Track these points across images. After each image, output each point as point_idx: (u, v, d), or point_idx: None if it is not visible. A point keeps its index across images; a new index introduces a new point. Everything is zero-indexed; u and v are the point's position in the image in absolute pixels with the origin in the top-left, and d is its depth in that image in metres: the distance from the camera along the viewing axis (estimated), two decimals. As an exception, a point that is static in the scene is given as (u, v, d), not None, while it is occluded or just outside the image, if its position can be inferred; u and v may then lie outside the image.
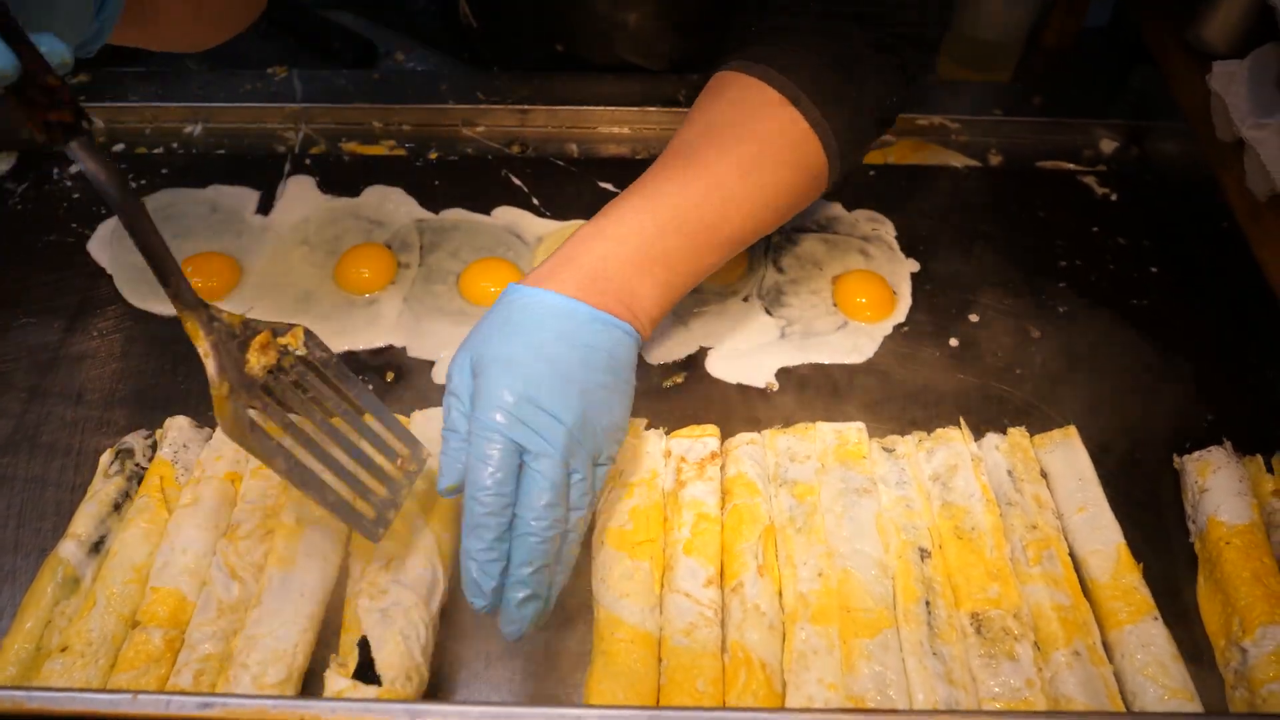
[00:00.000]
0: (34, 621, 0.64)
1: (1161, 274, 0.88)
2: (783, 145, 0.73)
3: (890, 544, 0.68)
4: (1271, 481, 0.71)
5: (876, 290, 0.85)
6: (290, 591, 0.65)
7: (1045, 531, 0.69)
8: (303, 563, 0.66)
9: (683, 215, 0.69)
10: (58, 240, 0.89)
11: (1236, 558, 0.67)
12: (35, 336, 0.82)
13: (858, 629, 0.64)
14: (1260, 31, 0.76)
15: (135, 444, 0.73)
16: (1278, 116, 0.70)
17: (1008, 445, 0.74)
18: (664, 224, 0.69)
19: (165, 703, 0.51)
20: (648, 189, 0.70)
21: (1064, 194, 0.95)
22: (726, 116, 0.74)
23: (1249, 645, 0.63)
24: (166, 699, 0.51)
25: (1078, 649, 0.63)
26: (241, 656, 0.62)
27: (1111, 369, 0.81)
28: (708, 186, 0.71)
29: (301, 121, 0.99)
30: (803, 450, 0.73)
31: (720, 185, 0.71)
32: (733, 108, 0.74)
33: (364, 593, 0.64)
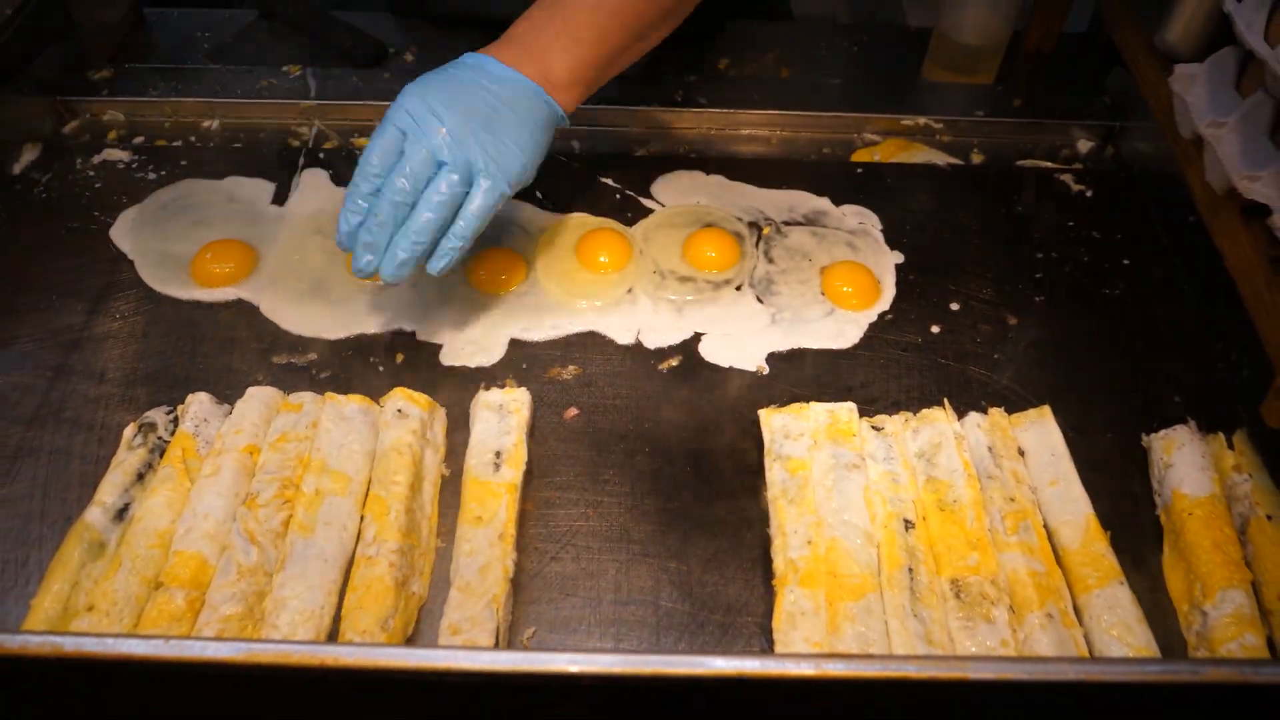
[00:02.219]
0: (61, 583, 0.67)
1: (1132, 265, 0.92)
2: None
3: (876, 515, 0.72)
4: (1231, 458, 0.74)
5: (862, 280, 0.89)
6: (312, 557, 0.68)
7: (1022, 504, 0.72)
8: (322, 530, 0.70)
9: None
10: (81, 227, 0.92)
11: (1199, 528, 0.70)
12: (60, 318, 0.85)
13: (844, 593, 0.68)
14: (1219, 37, 0.80)
15: (157, 418, 0.77)
16: (1233, 115, 0.74)
17: (988, 424, 0.77)
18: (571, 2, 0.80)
19: (202, 647, 0.54)
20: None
21: (1042, 190, 0.99)
22: None
23: (1209, 608, 0.66)
24: (202, 644, 0.54)
25: (1050, 612, 0.67)
26: (271, 619, 0.66)
27: (1084, 354, 0.85)
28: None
29: (315, 117, 1.03)
30: (796, 428, 0.77)
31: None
32: None
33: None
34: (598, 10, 0.79)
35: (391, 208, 0.74)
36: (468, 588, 0.67)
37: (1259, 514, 0.70)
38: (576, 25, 0.79)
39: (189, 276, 0.88)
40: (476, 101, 0.75)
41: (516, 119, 0.76)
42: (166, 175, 0.97)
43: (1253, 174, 0.71)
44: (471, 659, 0.55)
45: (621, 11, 0.80)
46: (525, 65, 0.78)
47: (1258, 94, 0.73)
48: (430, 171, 0.74)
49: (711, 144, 1.03)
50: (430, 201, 0.74)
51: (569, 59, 0.79)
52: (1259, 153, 0.72)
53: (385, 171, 0.74)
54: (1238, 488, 0.72)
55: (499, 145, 0.75)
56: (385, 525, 0.70)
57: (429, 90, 0.75)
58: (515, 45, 0.79)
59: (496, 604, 0.66)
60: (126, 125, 1.03)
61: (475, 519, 0.71)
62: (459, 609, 0.66)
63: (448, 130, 0.74)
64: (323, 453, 0.74)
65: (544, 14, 0.80)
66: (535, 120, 0.77)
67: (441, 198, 0.74)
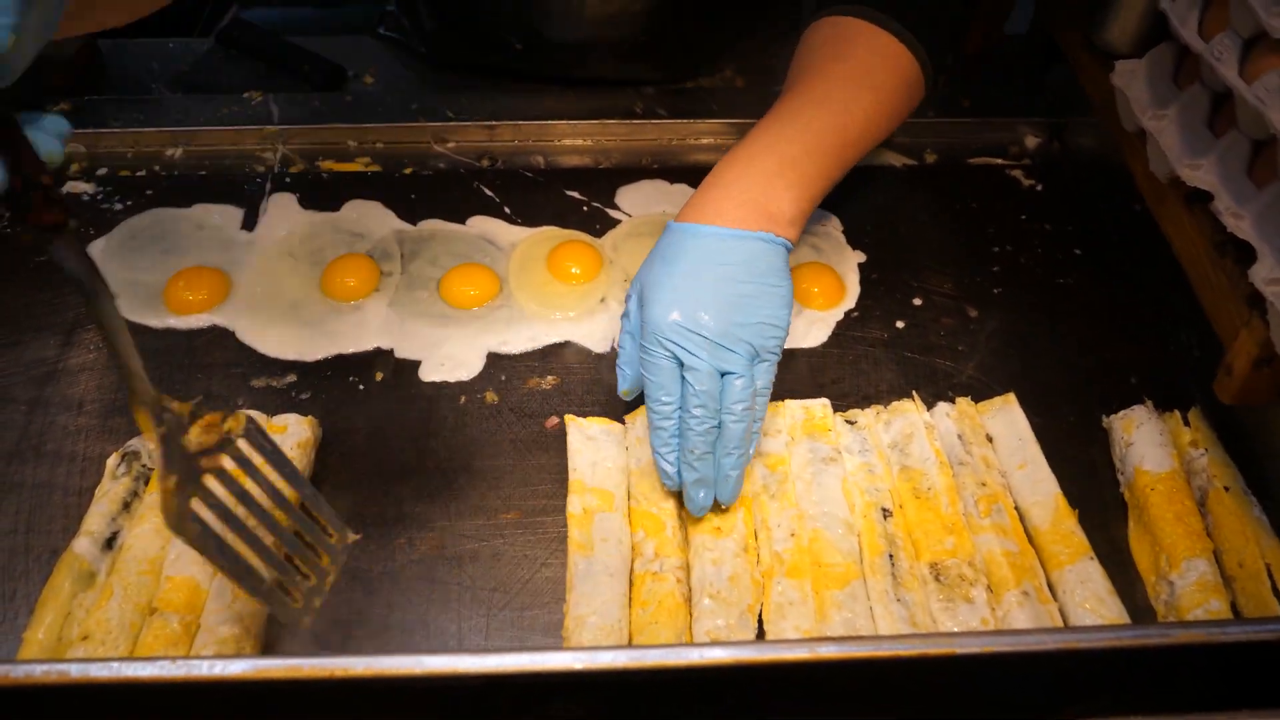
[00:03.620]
0: (53, 615, 0.67)
1: (1084, 255, 0.95)
2: (880, 58, 0.84)
3: (855, 505, 0.74)
4: (1188, 434, 0.77)
5: (827, 280, 0.91)
6: (598, 574, 0.70)
7: (993, 488, 0.75)
8: (600, 547, 0.72)
9: (803, 124, 0.80)
10: (48, 260, 0.90)
11: (1161, 502, 0.73)
12: (33, 352, 0.85)
13: (828, 581, 0.70)
14: (1155, 33, 0.84)
15: (140, 447, 0.77)
16: (1172, 107, 0.78)
17: (956, 413, 0.80)
18: (788, 136, 0.79)
19: (210, 665, 0.55)
20: (769, 118, 0.81)
21: (994, 186, 1.02)
22: (829, 52, 0.85)
23: (1175, 578, 0.69)
24: (210, 662, 0.55)
25: (1026, 589, 0.69)
26: (575, 638, 0.67)
27: (1043, 341, 0.87)
28: (820, 97, 0.81)
29: (279, 142, 1.03)
30: (773, 425, 0.79)
31: (830, 95, 0.81)
32: (829, 42, 0.85)
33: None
34: (819, 153, 0.79)
35: (701, 438, 0.70)
36: (719, 596, 0.69)
37: (1217, 486, 0.73)
38: (799, 165, 0.78)
39: (162, 305, 0.88)
40: (724, 289, 0.72)
41: (766, 283, 0.73)
42: (133, 205, 0.97)
43: (1194, 162, 0.74)
44: (465, 663, 0.56)
45: (841, 137, 0.80)
46: (750, 218, 0.75)
47: (1195, 86, 0.76)
48: (718, 384, 0.71)
49: (673, 154, 1.05)
50: (734, 413, 0.71)
51: (795, 196, 0.77)
52: (1198, 142, 0.75)
53: (678, 402, 0.71)
54: (1195, 462, 0.75)
55: (765, 321, 0.72)
56: (664, 541, 0.72)
57: (678, 305, 0.71)
58: (730, 199, 0.75)
59: (752, 613, 0.69)
60: (88, 157, 1.02)
61: (715, 529, 0.73)
62: (715, 616, 0.68)
63: (715, 342, 0.70)
64: (579, 472, 0.75)
65: (755, 157, 0.78)
66: (778, 270, 0.74)
67: (743, 404, 0.71)
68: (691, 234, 0.74)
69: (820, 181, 0.79)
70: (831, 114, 0.80)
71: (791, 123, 0.80)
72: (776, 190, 0.76)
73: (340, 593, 0.71)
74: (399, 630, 0.69)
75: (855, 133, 0.81)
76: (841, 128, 0.81)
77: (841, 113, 0.81)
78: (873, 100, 0.83)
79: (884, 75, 0.84)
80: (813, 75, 0.83)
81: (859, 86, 0.82)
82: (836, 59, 0.84)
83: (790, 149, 0.78)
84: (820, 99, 0.81)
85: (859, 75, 0.83)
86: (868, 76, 0.83)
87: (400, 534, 0.74)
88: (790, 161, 0.77)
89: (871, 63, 0.84)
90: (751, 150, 0.78)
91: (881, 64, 0.84)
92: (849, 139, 0.81)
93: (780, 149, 0.78)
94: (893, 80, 0.84)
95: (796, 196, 0.77)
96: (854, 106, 0.81)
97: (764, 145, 0.78)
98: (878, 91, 0.83)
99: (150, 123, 1.03)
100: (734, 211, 0.75)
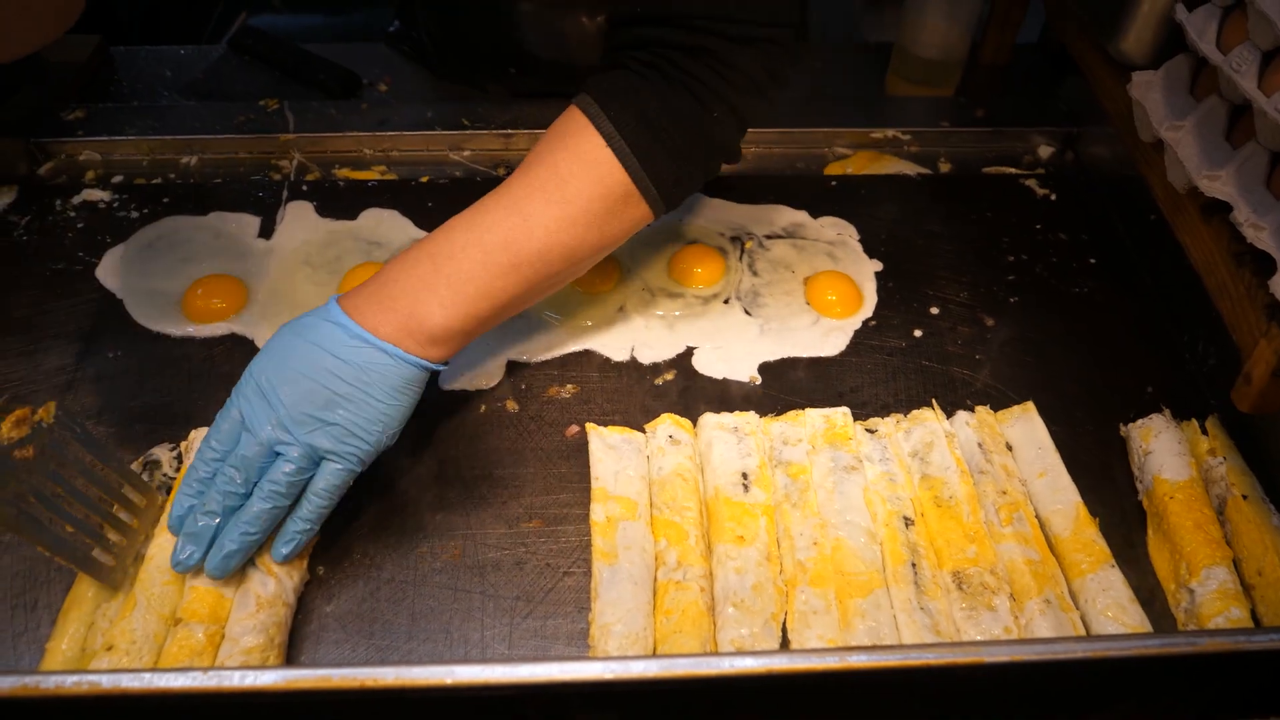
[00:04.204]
0: (77, 625, 0.67)
1: (1099, 264, 0.96)
2: (583, 166, 0.74)
3: (877, 514, 0.74)
4: (1206, 442, 0.78)
5: (845, 289, 0.91)
6: (622, 581, 0.70)
7: (1014, 496, 0.75)
8: (624, 555, 0.72)
9: (476, 236, 0.73)
10: (66, 268, 0.92)
11: (1180, 510, 0.73)
12: (52, 360, 0.85)
13: (852, 590, 0.70)
14: (1171, 45, 0.84)
15: (161, 455, 0.77)
16: (1190, 118, 0.78)
17: (976, 421, 0.80)
18: (456, 246, 0.72)
19: (241, 676, 0.55)
20: (458, 218, 0.74)
21: (1008, 196, 1.02)
22: (542, 145, 0.76)
23: (1195, 586, 0.70)
24: (242, 673, 0.55)
25: (1048, 598, 0.70)
26: (601, 647, 0.67)
27: (1059, 350, 0.88)
28: (508, 204, 0.73)
29: (295, 150, 1.03)
30: (794, 434, 0.79)
31: (517, 204, 0.73)
32: (551, 135, 0.77)
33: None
34: (484, 266, 0.72)
35: (221, 497, 0.68)
36: (743, 605, 0.69)
37: (1235, 494, 0.73)
38: (459, 277, 0.72)
39: (180, 313, 0.88)
40: (321, 378, 0.68)
41: (368, 394, 0.69)
42: (149, 213, 0.97)
43: (1212, 173, 0.75)
44: (495, 673, 0.56)
45: (514, 255, 0.73)
46: (386, 324, 0.70)
47: (1212, 98, 0.77)
48: (266, 459, 0.68)
49: (687, 162, 1.06)
50: (264, 491, 0.68)
51: (446, 314, 0.71)
52: (1217, 153, 0.76)
53: (224, 455, 0.69)
54: (1213, 470, 0.76)
55: (347, 426, 0.69)
56: (686, 550, 0.72)
57: (269, 369, 0.69)
58: (380, 300, 0.71)
59: (776, 622, 0.69)
60: (103, 165, 1.02)
61: (738, 538, 0.72)
62: (739, 625, 0.68)
63: (281, 418, 0.68)
64: (601, 480, 0.76)
65: (419, 260, 0.72)
66: (392, 386, 0.70)
67: (276, 487, 0.68)
68: (331, 317, 0.70)
69: (483, 301, 0.72)
70: (510, 227, 0.73)
71: (467, 230, 0.73)
72: (428, 304, 0.71)
73: (364, 600, 0.71)
74: (423, 639, 0.69)
75: (533, 251, 0.73)
76: (514, 243, 0.72)
77: (519, 226, 0.73)
78: (560, 214, 0.73)
79: (581, 185, 0.74)
80: (519, 170, 0.76)
81: (548, 197, 0.73)
82: (540, 159, 0.75)
83: (449, 264, 0.72)
84: (506, 204, 0.74)
85: (554, 183, 0.74)
86: (562, 186, 0.74)
87: (422, 543, 0.74)
88: (447, 277, 0.71)
89: (570, 170, 0.74)
90: (422, 250, 0.73)
91: (581, 172, 0.74)
92: (523, 259, 0.73)
93: (440, 261, 0.72)
94: (591, 192, 0.74)
95: (449, 315, 0.71)
96: (535, 220, 0.73)
97: (433, 250, 0.72)
98: (567, 206, 0.73)
99: (165, 130, 1.03)
100: (375, 315, 0.70)
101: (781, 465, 0.77)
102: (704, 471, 0.77)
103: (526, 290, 0.75)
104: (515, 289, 0.74)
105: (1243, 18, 0.74)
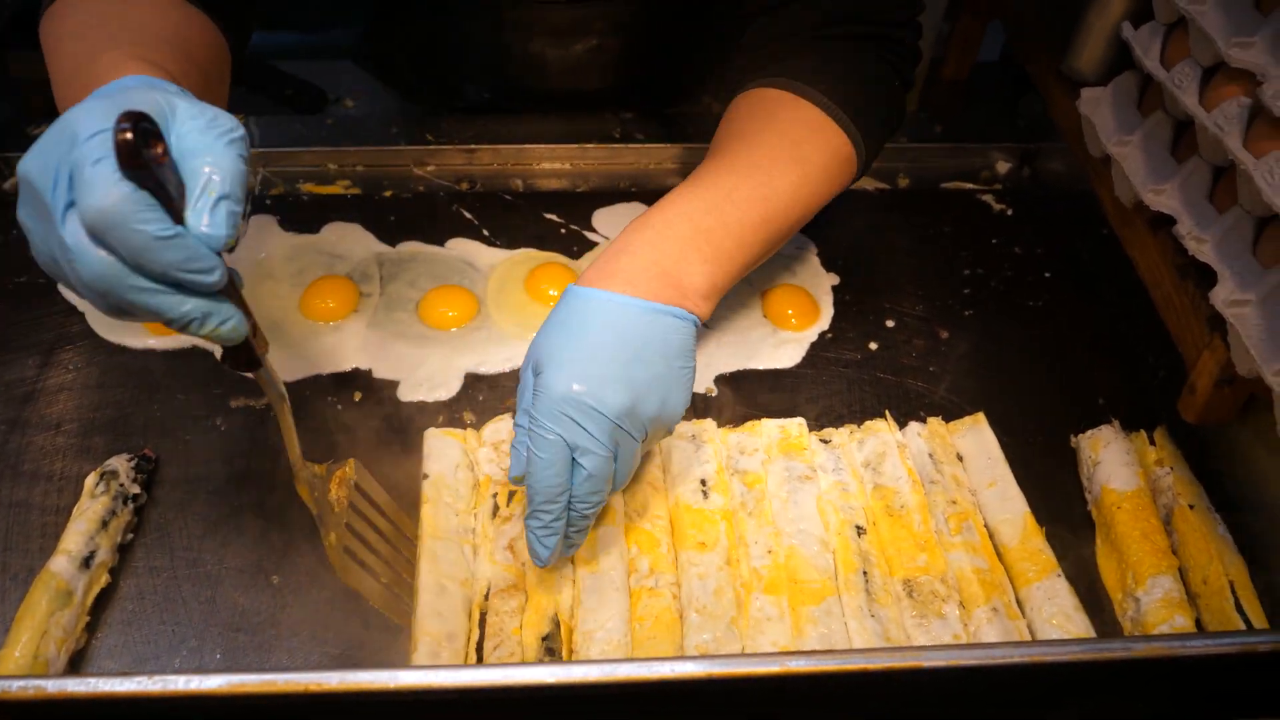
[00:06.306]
0: (30, 633, 0.67)
1: (1053, 278, 0.97)
2: (809, 131, 0.79)
3: (830, 523, 0.75)
4: (1154, 453, 0.79)
5: (802, 302, 0.92)
6: (605, 588, 0.71)
7: (963, 505, 0.76)
8: (604, 560, 0.73)
9: (724, 194, 0.74)
10: (29, 281, 0.92)
11: (1127, 520, 0.74)
12: (12, 372, 0.85)
13: (804, 598, 0.71)
14: (1120, 61, 0.86)
15: (119, 466, 0.77)
16: (1136, 133, 0.80)
17: (928, 432, 0.81)
18: (707, 205, 0.73)
19: (186, 681, 0.55)
20: (690, 182, 0.76)
21: (966, 211, 1.04)
22: (755, 122, 0.80)
23: (1141, 594, 0.70)
24: (187, 678, 0.55)
25: (996, 606, 0.70)
26: (582, 653, 0.68)
27: (1012, 362, 0.89)
28: (746, 168, 0.76)
29: (260, 164, 1.04)
30: (750, 444, 0.80)
31: (757, 166, 0.76)
32: (759, 113, 0.81)
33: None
34: (740, 224, 0.73)
35: (589, 519, 0.67)
36: (705, 610, 0.69)
37: (1181, 504, 0.75)
38: (718, 234, 0.72)
39: (141, 326, 0.89)
40: (634, 369, 0.66)
41: (672, 368, 0.68)
42: (114, 226, 0.97)
43: (1157, 187, 0.76)
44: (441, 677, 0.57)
45: (764, 211, 0.75)
46: (666, 290, 0.69)
47: (1157, 113, 0.79)
48: (612, 466, 0.66)
49: (650, 178, 1.07)
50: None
51: (711, 270, 0.71)
52: (1162, 167, 0.77)
53: (567, 485, 0.65)
54: (1161, 480, 0.77)
55: (664, 408, 0.68)
56: (658, 557, 0.72)
57: (583, 372, 0.65)
58: (643, 269, 0.69)
59: (737, 625, 0.69)
60: (69, 179, 1.03)
61: (699, 544, 0.73)
62: (701, 631, 0.69)
63: (615, 422, 0.65)
64: None
65: (671, 223, 0.72)
66: (686, 351, 0.69)
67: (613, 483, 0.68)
68: (600, 302, 0.67)
69: (738, 257, 0.74)
70: (755, 185, 0.75)
71: (712, 190, 0.74)
72: (691, 262, 0.70)
73: (323, 605, 0.71)
74: (378, 647, 0.70)
75: (779, 207, 0.76)
76: (764, 199, 0.75)
77: (765, 184, 0.75)
78: (800, 174, 0.77)
79: (811, 149, 0.78)
80: (738, 143, 0.78)
81: (787, 159, 0.77)
82: (763, 130, 0.79)
83: (707, 219, 0.72)
84: (744, 168, 0.76)
85: (787, 147, 0.77)
86: (795, 148, 0.78)
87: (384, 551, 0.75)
88: (706, 232, 0.72)
89: (799, 135, 0.78)
90: (667, 215, 0.72)
91: (809, 137, 0.79)
92: (772, 214, 0.75)
93: (697, 218, 0.72)
94: (821, 155, 0.79)
95: (711, 271, 0.71)
96: (779, 180, 0.76)
97: (680, 212, 0.73)
98: (805, 165, 0.77)
99: (132, 145, 1.04)
100: (646, 282, 0.68)
101: (738, 474, 0.78)
102: (665, 480, 0.78)
103: (771, 246, 0.78)
104: (764, 244, 0.76)
105: (1185, 35, 0.75)
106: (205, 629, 0.70)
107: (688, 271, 0.70)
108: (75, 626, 0.69)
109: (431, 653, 0.66)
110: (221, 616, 0.71)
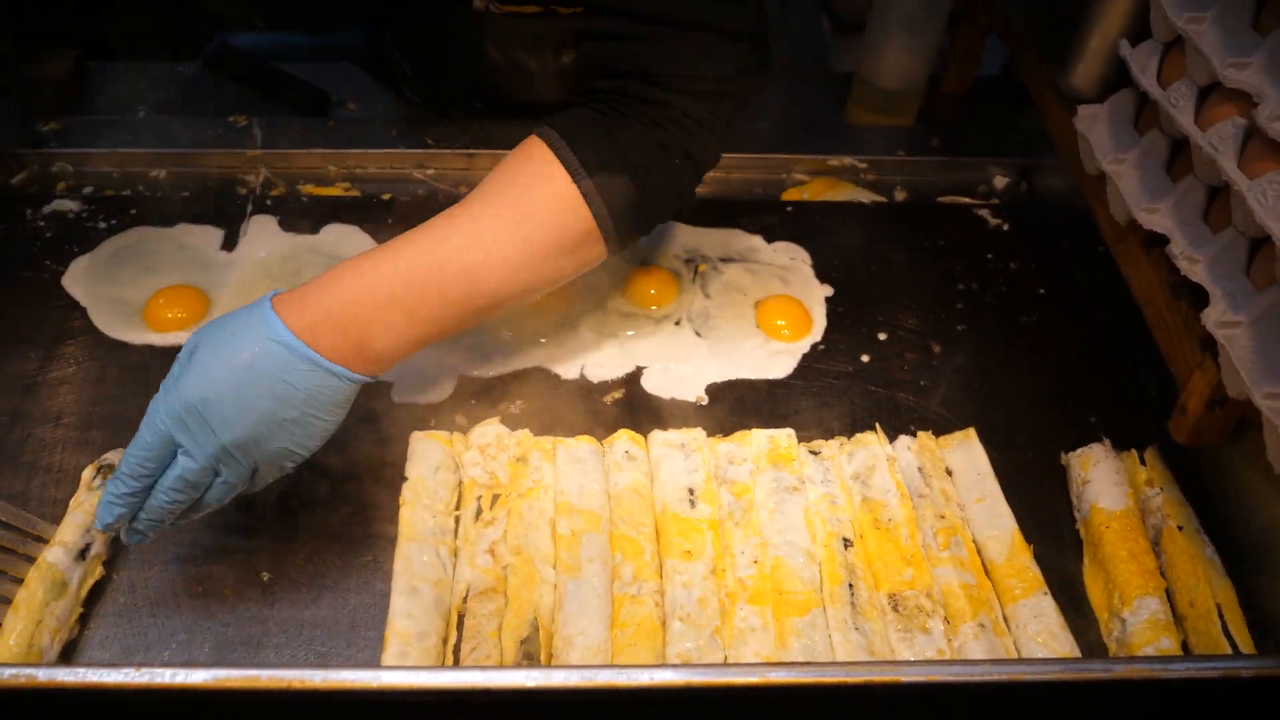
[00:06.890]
0: (25, 623, 0.68)
1: (1048, 294, 0.97)
2: (551, 202, 0.74)
3: (817, 535, 0.75)
4: (1144, 473, 0.79)
5: (795, 313, 0.93)
6: (587, 594, 0.72)
7: (952, 520, 0.76)
8: (588, 567, 0.73)
9: (438, 264, 0.71)
10: (32, 276, 0.93)
11: (1115, 539, 0.74)
12: (14, 366, 0.86)
13: (789, 609, 0.71)
14: (1117, 79, 0.86)
15: (115, 459, 0.78)
16: (1132, 151, 0.80)
17: (917, 446, 0.81)
18: (417, 273, 0.71)
19: (173, 674, 0.56)
20: (412, 238, 0.73)
21: (961, 225, 1.04)
22: (503, 186, 0.75)
23: (1128, 615, 0.71)
24: (173, 671, 0.56)
25: (982, 622, 0.71)
26: (562, 657, 0.69)
27: (1004, 378, 0.89)
28: (468, 238, 0.72)
29: (261, 165, 1.05)
30: (740, 454, 0.80)
31: (481, 240, 0.73)
32: (512, 163, 0.76)
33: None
34: (440, 297, 0.71)
35: (168, 513, 0.68)
36: (689, 619, 0.70)
37: (1170, 525, 0.75)
38: (413, 304, 0.70)
39: (142, 322, 0.89)
40: (271, 409, 0.66)
41: (311, 416, 0.68)
42: (117, 224, 0.98)
43: (1151, 206, 0.76)
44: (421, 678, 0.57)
45: (473, 285, 0.72)
46: (340, 347, 0.68)
47: (1153, 132, 0.79)
48: (208, 479, 0.67)
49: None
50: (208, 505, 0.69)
51: (397, 339, 0.70)
52: (1156, 186, 0.77)
53: (157, 475, 0.67)
54: (1150, 501, 0.77)
55: (291, 447, 0.68)
56: (642, 565, 0.73)
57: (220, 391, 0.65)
58: (332, 322, 0.68)
59: (720, 635, 0.70)
60: (75, 176, 1.04)
61: (685, 553, 0.73)
62: (684, 639, 0.69)
63: (226, 445, 0.66)
64: (566, 494, 0.77)
65: (376, 286, 0.70)
66: (335, 404, 0.69)
67: (215, 500, 0.69)
68: (273, 338, 0.67)
69: (432, 331, 0.72)
70: (471, 260, 0.72)
71: (428, 256, 0.71)
72: (378, 327, 0.69)
73: (306, 608, 0.72)
74: (361, 645, 0.70)
75: (491, 286, 0.73)
76: (474, 277, 0.72)
77: (481, 260, 0.72)
78: (521, 252, 0.73)
79: (544, 223, 0.74)
80: (478, 205, 0.74)
81: (510, 233, 0.73)
82: (503, 190, 0.74)
83: (411, 289, 0.70)
84: (468, 236, 0.72)
85: (516, 219, 0.73)
86: (524, 223, 0.73)
87: (367, 552, 0.75)
88: (404, 302, 0.70)
89: (537, 207, 0.74)
90: (381, 269, 0.70)
91: (548, 211, 0.74)
92: (481, 290, 0.73)
93: (399, 284, 0.70)
94: (551, 234, 0.74)
95: (397, 339, 0.70)
96: (496, 256, 0.73)
97: (392, 269, 0.70)
98: (529, 244, 0.74)
99: (136, 143, 1.05)
100: (329, 333, 0.68)
101: (726, 484, 0.78)
102: (653, 488, 0.78)
103: (475, 319, 0.75)
104: (466, 319, 0.74)
105: (1182, 54, 0.75)
106: (195, 623, 0.71)
107: (375, 336, 0.69)
108: (69, 617, 0.70)
109: (400, 653, 0.67)
110: (212, 611, 0.71)
